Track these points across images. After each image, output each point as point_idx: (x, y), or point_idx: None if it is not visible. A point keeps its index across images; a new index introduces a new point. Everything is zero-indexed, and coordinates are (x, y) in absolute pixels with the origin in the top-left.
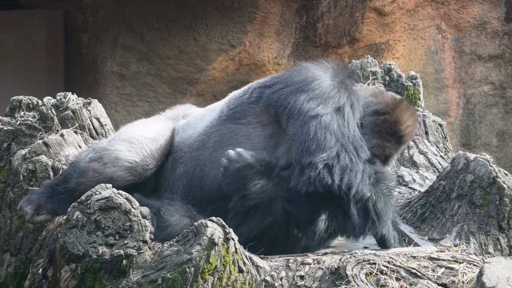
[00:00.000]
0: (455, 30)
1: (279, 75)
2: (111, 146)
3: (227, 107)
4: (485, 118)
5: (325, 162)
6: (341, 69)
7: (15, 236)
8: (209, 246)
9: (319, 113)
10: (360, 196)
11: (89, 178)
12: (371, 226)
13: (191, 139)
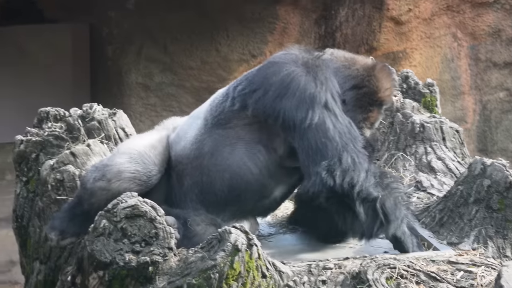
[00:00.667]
0: (471, 38)
1: (253, 77)
2: (111, 161)
3: (210, 115)
4: (501, 124)
5: (327, 167)
6: (308, 55)
7: (44, 244)
8: (233, 252)
9: (312, 121)
10: (365, 194)
11: (98, 197)
12: (379, 226)
13: (186, 150)
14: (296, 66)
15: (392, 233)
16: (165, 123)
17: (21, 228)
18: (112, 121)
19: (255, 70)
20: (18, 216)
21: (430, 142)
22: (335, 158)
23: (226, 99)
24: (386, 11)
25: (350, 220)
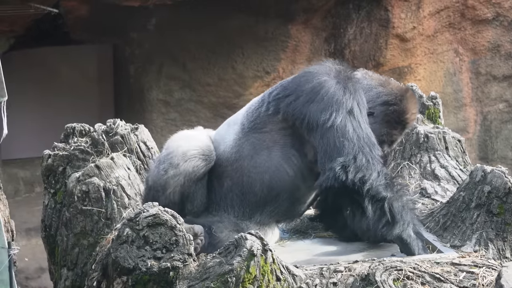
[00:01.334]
0: (472, 53)
1: (288, 84)
2: (171, 149)
3: (247, 120)
4: (501, 134)
5: (342, 163)
6: (341, 68)
7: (71, 252)
8: (248, 257)
9: (334, 122)
10: (374, 192)
11: (172, 186)
12: (385, 225)
13: (226, 154)
14: (328, 76)
15: (397, 234)
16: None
17: (49, 237)
18: (134, 136)
19: (290, 78)
20: (46, 226)
21: (434, 151)
22: (350, 156)
23: (262, 104)
24: (392, 29)
25: (358, 218)
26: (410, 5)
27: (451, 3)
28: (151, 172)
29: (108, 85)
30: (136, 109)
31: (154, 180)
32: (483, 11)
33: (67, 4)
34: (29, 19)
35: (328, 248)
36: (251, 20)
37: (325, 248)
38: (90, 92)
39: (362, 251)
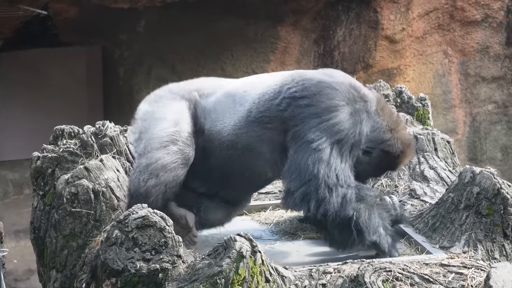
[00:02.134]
0: (461, 55)
1: (310, 86)
2: (151, 159)
3: (256, 109)
4: (490, 135)
5: (303, 195)
6: (360, 95)
7: (60, 254)
8: (238, 259)
9: (318, 145)
10: (339, 219)
11: (153, 195)
12: (353, 241)
13: (221, 137)
14: (347, 104)
15: (369, 241)
16: (182, 86)
17: (38, 239)
18: (123, 137)
19: (315, 80)
20: (35, 228)
21: (423, 153)
22: (311, 187)
23: (276, 96)
24: (381, 30)
25: (329, 238)
26: (399, 6)
27: (440, 5)
28: (131, 181)
29: (97, 87)
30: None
31: (135, 189)
32: (472, 13)
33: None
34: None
35: (317, 249)
36: (241, 22)
37: (314, 249)
38: (79, 94)
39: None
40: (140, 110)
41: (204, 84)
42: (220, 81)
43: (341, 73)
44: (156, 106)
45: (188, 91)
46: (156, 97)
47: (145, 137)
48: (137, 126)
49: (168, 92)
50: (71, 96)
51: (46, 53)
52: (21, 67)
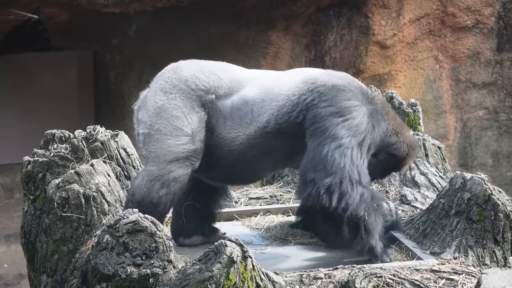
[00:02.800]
0: (452, 60)
1: (325, 91)
2: (163, 170)
3: (274, 121)
4: (481, 141)
5: (328, 186)
6: (376, 104)
7: (50, 258)
8: (228, 264)
9: (341, 140)
10: (353, 216)
11: (163, 202)
12: (359, 241)
13: (233, 144)
14: (363, 105)
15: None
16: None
17: (29, 244)
18: (114, 142)
19: (329, 84)
20: (26, 232)
21: None
22: (337, 178)
23: (294, 109)
24: (372, 36)
25: (333, 234)
26: (390, 12)
27: (431, 10)
28: (138, 187)
29: (88, 91)
30: (117, 116)
31: (143, 197)
32: (463, 19)
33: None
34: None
35: (308, 255)
36: (232, 27)
37: (305, 254)
38: (70, 98)
39: (342, 257)
40: (153, 95)
41: (222, 81)
42: (235, 73)
43: (349, 76)
44: (173, 103)
45: (205, 91)
46: (172, 87)
47: (158, 139)
48: (148, 115)
49: (184, 85)
50: (62, 100)
51: (38, 57)
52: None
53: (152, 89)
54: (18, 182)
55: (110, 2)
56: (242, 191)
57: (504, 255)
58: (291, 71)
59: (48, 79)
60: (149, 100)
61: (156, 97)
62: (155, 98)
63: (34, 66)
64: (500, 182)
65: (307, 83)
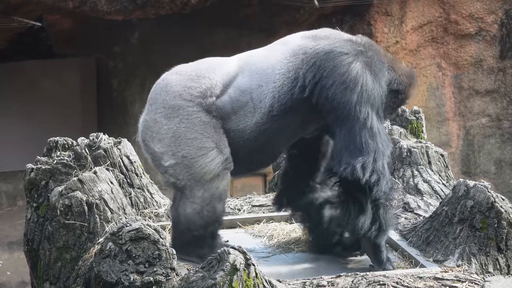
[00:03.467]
0: (454, 68)
1: (322, 63)
2: (211, 189)
3: (278, 102)
4: (484, 148)
5: (362, 163)
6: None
7: (54, 266)
8: (231, 272)
9: (367, 121)
10: (378, 197)
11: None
12: (374, 230)
13: (244, 135)
14: (360, 62)
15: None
16: (191, 89)
17: (31, 251)
18: (117, 150)
19: (322, 53)
20: (29, 240)
21: (417, 166)
22: (371, 157)
23: (295, 84)
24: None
25: (354, 215)
26: (393, 19)
27: (434, 18)
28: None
29: (91, 99)
30: (119, 123)
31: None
32: (465, 26)
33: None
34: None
35: (311, 262)
36: (234, 34)
37: (307, 262)
38: (73, 105)
39: (345, 265)
40: (158, 124)
41: (213, 80)
42: (221, 67)
43: (331, 30)
44: (182, 126)
45: (202, 96)
46: (171, 110)
47: (188, 165)
48: (165, 145)
49: (181, 100)
50: (64, 108)
51: (40, 65)
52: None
53: (151, 115)
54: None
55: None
56: (245, 199)
57: (507, 262)
58: (274, 46)
59: (51, 87)
60: (157, 129)
61: (163, 126)
62: (161, 127)
63: (37, 74)
64: (503, 189)
65: (297, 54)
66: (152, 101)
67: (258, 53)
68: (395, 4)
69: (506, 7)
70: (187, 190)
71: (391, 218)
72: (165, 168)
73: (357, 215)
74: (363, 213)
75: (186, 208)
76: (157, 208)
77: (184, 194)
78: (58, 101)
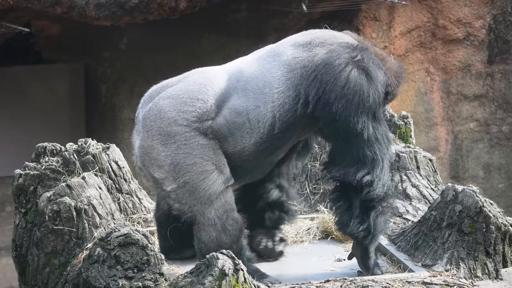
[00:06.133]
0: (443, 73)
1: (323, 77)
2: (220, 207)
3: (279, 121)
4: (472, 153)
5: (356, 168)
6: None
7: (42, 271)
8: (220, 277)
9: (363, 129)
10: (370, 198)
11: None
12: (365, 229)
13: (242, 155)
14: (357, 70)
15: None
16: (186, 114)
17: (20, 257)
18: (105, 155)
19: (321, 63)
20: (17, 245)
21: (405, 171)
22: (367, 166)
23: (297, 101)
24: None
25: (342, 210)
26: (381, 24)
27: (422, 23)
28: (215, 238)
29: (79, 104)
30: (108, 129)
31: (230, 237)
32: (454, 31)
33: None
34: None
35: (300, 267)
36: (222, 39)
37: (296, 267)
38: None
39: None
40: (156, 151)
41: (207, 102)
42: (212, 86)
43: (320, 34)
44: (180, 152)
45: (199, 121)
46: (167, 136)
47: (191, 190)
48: (165, 172)
49: (176, 126)
50: (53, 113)
51: (29, 70)
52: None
53: (148, 142)
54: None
55: (101, 16)
56: None
57: (496, 267)
58: (265, 58)
59: (39, 92)
60: (154, 155)
61: (161, 153)
62: (159, 153)
63: (25, 79)
64: (492, 194)
65: (295, 69)
66: (148, 128)
67: (250, 66)
68: (383, 9)
69: (494, 12)
70: (198, 215)
71: (383, 223)
72: (168, 193)
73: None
74: (351, 211)
75: (209, 233)
76: (146, 214)
77: (198, 221)
78: (47, 106)
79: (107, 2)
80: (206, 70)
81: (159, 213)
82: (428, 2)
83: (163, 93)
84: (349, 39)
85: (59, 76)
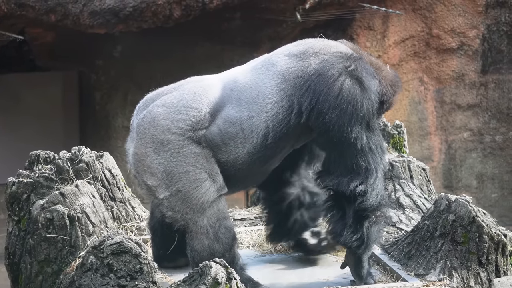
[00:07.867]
0: (436, 82)
1: (316, 87)
2: (216, 213)
3: (273, 131)
4: (465, 162)
5: (350, 178)
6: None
7: (35, 280)
8: (213, 285)
9: (357, 140)
10: (364, 207)
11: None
12: (358, 239)
13: (237, 165)
14: (351, 79)
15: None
16: (180, 122)
17: (13, 265)
18: (99, 163)
19: (314, 74)
20: (10, 253)
21: (399, 180)
22: (361, 177)
23: (291, 112)
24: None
25: (335, 219)
26: (375, 34)
27: (416, 32)
28: (208, 246)
29: (73, 112)
30: (102, 136)
31: (223, 245)
32: (447, 40)
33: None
34: None
35: (293, 277)
36: (216, 48)
37: (290, 277)
38: (55, 119)
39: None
40: (149, 158)
41: (201, 111)
42: (206, 95)
43: (314, 43)
44: (173, 160)
45: (193, 129)
46: (160, 144)
47: (184, 199)
48: (157, 180)
49: (170, 134)
50: (47, 121)
51: (23, 78)
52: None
53: (141, 149)
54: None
55: (95, 24)
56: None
57: (489, 277)
58: (260, 68)
59: (33, 100)
60: (148, 163)
61: (154, 161)
62: (152, 161)
63: (19, 87)
64: (485, 203)
65: (288, 80)
66: (141, 136)
67: (244, 76)
68: (377, 19)
69: (488, 22)
70: (191, 224)
71: (376, 232)
72: (160, 200)
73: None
74: (345, 220)
75: (202, 241)
76: (139, 222)
77: (191, 229)
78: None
79: (102, 10)
80: (201, 79)
81: (153, 221)
82: (422, 12)
83: (157, 101)
84: (343, 49)
85: (53, 83)
